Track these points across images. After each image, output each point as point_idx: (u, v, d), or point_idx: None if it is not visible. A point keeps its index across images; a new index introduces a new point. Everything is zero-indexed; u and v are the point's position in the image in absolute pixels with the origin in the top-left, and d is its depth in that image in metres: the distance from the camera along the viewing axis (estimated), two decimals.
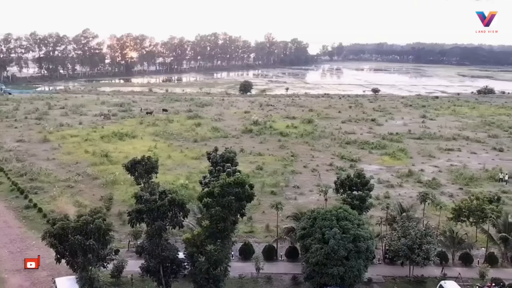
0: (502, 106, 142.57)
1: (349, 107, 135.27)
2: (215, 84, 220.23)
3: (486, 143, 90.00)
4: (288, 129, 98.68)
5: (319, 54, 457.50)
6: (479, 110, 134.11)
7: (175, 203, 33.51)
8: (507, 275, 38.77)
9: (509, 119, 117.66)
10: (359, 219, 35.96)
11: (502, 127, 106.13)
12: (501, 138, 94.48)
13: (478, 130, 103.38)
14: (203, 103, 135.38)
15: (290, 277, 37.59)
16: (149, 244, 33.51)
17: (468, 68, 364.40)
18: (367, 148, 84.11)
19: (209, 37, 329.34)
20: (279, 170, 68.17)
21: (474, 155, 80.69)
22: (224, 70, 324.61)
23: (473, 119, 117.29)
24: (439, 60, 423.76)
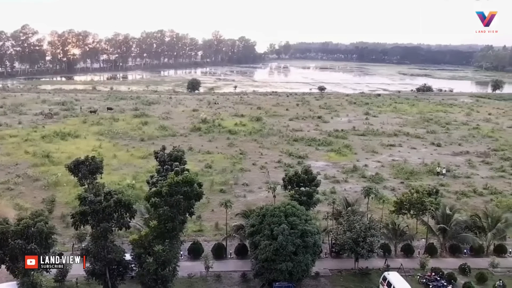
0: (440, 103, 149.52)
1: (296, 105, 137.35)
2: (162, 82, 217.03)
3: (425, 139, 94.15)
4: (236, 127, 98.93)
5: (267, 52, 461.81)
6: (418, 107, 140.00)
7: (121, 204, 32.83)
8: (445, 264, 40.74)
9: (446, 116, 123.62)
10: (306, 215, 36.68)
11: (440, 123, 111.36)
12: (438, 134, 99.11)
13: (418, 126, 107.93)
14: (150, 101, 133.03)
15: (240, 274, 37.81)
16: (94, 247, 32.66)
17: (408, 66, 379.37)
18: (314, 145, 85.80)
19: (155, 34, 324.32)
20: (228, 168, 68.26)
21: (414, 150, 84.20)
22: (171, 67, 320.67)
23: (412, 116, 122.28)
24: (381, 59, 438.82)
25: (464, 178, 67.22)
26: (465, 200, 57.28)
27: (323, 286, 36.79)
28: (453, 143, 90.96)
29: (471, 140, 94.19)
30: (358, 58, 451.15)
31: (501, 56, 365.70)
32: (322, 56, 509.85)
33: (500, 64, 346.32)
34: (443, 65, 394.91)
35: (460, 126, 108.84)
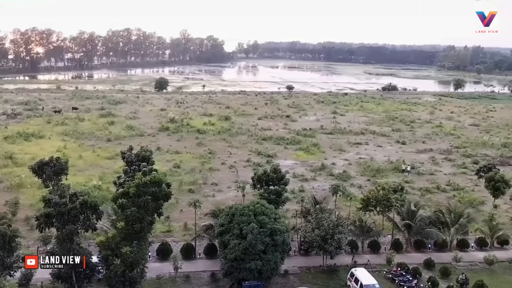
0: (404, 102, 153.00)
1: (265, 104, 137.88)
2: (129, 81, 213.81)
3: (391, 137, 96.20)
4: (205, 127, 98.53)
5: (235, 51, 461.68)
6: (384, 106, 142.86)
7: (88, 205, 32.26)
8: (411, 259, 41.75)
9: (410, 114, 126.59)
10: (275, 213, 36.90)
11: (404, 122, 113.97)
12: (403, 132, 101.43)
13: (383, 124, 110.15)
14: (116, 101, 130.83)
15: (209, 274, 37.69)
16: (60, 249, 31.95)
17: (374, 66, 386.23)
18: (283, 143, 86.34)
19: (121, 33, 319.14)
20: (197, 167, 67.90)
21: (380, 148, 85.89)
22: (138, 66, 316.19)
23: (378, 115, 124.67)
24: (347, 58, 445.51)
25: (428, 175, 69.00)
26: (429, 196, 58.84)
27: (292, 283, 37.08)
28: (417, 141, 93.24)
29: (435, 137, 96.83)
30: (326, 58, 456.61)
31: (462, 56, 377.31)
32: (290, 56, 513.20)
33: (462, 64, 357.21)
34: (408, 64, 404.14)
35: (424, 124, 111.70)
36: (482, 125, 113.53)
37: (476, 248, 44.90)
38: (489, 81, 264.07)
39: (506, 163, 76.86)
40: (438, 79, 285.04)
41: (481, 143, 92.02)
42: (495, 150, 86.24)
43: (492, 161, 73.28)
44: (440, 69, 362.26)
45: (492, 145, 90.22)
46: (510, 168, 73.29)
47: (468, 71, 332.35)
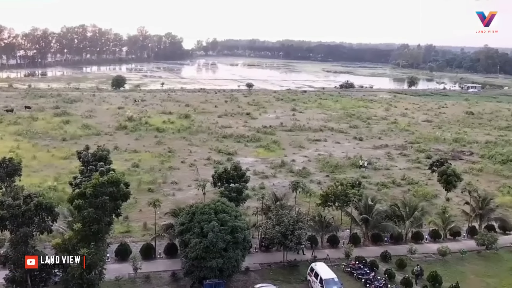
0: (361, 99, 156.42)
1: (225, 101, 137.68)
2: (85, 79, 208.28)
3: (348, 133, 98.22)
4: (164, 125, 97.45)
5: (194, 49, 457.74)
6: (342, 103, 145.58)
7: (42, 207, 31.36)
8: (368, 252, 42.87)
9: (367, 111, 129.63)
10: (236, 211, 37.03)
11: (361, 118, 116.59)
12: (360, 129, 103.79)
13: (341, 121, 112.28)
14: (71, 99, 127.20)
15: (170, 274, 37.38)
16: (14, 253, 30.94)
17: (331, 64, 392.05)
18: (243, 141, 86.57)
19: (76, 29, 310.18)
20: (156, 166, 67.09)
21: (338, 145, 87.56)
22: (94, 64, 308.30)
23: (336, 112, 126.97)
24: (306, 56, 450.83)
25: (384, 170, 70.94)
26: (385, 191, 60.54)
27: (253, 280, 37.32)
28: (373, 137, 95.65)
29: (390, 134, 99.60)
30: (285, 56, 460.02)
31: (415, 54, 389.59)
32: (249, 53, 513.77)
33: (415, 62, 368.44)
34: (364, 62, 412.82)
35: (380, 121, 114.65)
36: (435, 121, 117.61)
37: (430, 240, 46.55)
38: (441, 78, 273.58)
39: (457, 157, 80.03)
40: (393, 77, 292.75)
41: (434, 138, 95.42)
42: (447, 145, 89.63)
43: (444, 156, 76.09)
44: (395, 67, 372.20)
45: (444, 140, 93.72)
46: (461, 162, 76.37)
47: (421, 69, 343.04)
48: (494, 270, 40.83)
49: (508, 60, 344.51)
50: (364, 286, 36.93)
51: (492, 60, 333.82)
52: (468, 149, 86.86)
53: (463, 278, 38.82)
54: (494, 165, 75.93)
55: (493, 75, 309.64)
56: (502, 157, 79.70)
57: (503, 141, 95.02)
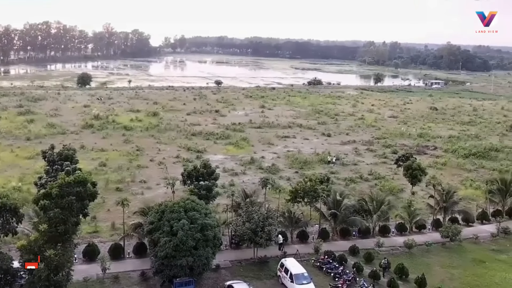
0: (329, 96, 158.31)
1: (193, 99, 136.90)
2: (49, 77, 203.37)
3: (317, 130, 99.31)
4: (132, 123, 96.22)
5: (162, 46, 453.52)
6: (310, 99, 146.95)
7: (6, 208, 30.71)
8: (337, 247, 43.50)
9: (334, 107, 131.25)
10: (206, 209, 36.95)
11: (329, 115, 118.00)
12: (328, 125, 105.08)
13: (310, 118, 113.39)
14: (36, 98, 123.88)
15: (139, 273, 37.00)
16: None
17: (299, 61, 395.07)
18: (212, 138, 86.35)
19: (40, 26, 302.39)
20: (124, 165, 66.18)
21: (306, 141, 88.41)
22: (59, 61, 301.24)
23: (305, 108, 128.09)
24: (274, 53, 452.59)
25: (352, 165, 72.12)
26: (353, 186, 61.54)
27: (224, 277, 37.36)
28: (341, 133, 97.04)
29: (357, 129, 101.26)
30: (253, 53, 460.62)
31: (381, 52, 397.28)
32: (218, 50, 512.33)
33: (381, 59, 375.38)
34: (331, 59, 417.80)
35: (347, 117, 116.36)
36: (400, 117, 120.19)
37: (396, 233, 47.64)
38: (405, 75, 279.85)
39: (422, 152, 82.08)
40: (359, 74, 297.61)
41: (400, 133, 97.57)
42: (412, 140, 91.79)
43: (410, 151, 77.93)
44: (361, 64, 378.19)
45: (409, 136, 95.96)
46: (426, 157, 78.37)
47: (387, 66, 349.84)
48: (458, 261, 42.15)
49: (470, 57, 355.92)
50: (333, 280, 37.48)
51: (455, 57, 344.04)
52: (432, 144, 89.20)
53: (429, 269, 39.89)
54: (457, 159, 78.27)
55: (455, 71, 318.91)
56: (465, 151, 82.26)
57: (465, 135, 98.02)
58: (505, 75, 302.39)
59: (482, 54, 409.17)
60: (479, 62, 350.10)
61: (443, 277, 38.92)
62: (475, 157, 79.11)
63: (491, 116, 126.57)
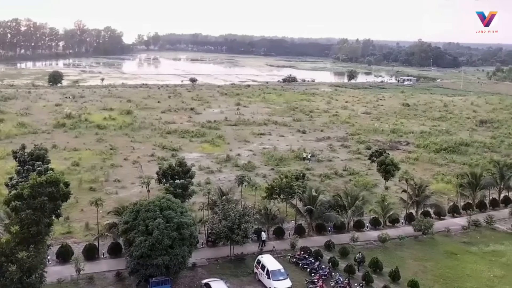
0: (303, 93, 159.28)
1: (168, 97, 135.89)
2: (19, 75, 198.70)
3: (292, 126, 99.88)
4: (105, 121, 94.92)
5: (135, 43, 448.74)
6: (285, 96, 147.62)
7: None
8: (313, 242, 43.86)
9: (309, 104, 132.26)
10: (182, 207, 36.74)
11: (304, 112, 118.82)
12: (303, 122, 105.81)
13: (285, 115, 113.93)
14: (5, 97, 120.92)
15: (114, 274, 36.61)
16: None
17: (274, 58, 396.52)
18: (188, 136, 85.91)
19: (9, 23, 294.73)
20: (97, 164, 65.27)
21: (282, 138, 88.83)
22: (29, 59, 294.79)
23: (280, 105, 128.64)
24: (249, 51, 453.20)
25: (326, 161, 72.82)
26: (328, 182, 62.16)
27: (200, 276, 37.26)
28: (316, 129, 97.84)
29: (332, 126, 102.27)
30: (228, 50, 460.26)
31: (354, 49, 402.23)
32: (192, 48, 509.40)
33: (354, 56, 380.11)
34: (306, 57, 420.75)
35: (322, 114, 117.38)
36: (373, 113, 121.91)
37: (371, 228, 48.34)
38: (378, 72, 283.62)
39: (395, 147, 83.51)
40: (333, 71, 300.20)
41: (373, 130, 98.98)
42: (385, 136, 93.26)
43: (383, 146, 79.27)
44: (335, 61, 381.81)
45: (382, 131, 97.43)
46: (399, 152, 79.76)
47: (360, 63, 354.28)
48: (430, 254, 43.07)
49: (440, 54, 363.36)
50: (309, 275, 37.82)
51: (426, 53, 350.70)
52: (404, 140, 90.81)
53: (402, 262, 40.67)
54: (428, 154, 79.90)
55: (426, 68, 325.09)
56: (436, 146, 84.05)
57: (436, 131, 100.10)
58: (474, 72, 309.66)
59: (452, 51, 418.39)
60: (449, 59, 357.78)
61: (416, 270, 39.72)
62: (446, 152, 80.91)
63: (461, 111, 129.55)
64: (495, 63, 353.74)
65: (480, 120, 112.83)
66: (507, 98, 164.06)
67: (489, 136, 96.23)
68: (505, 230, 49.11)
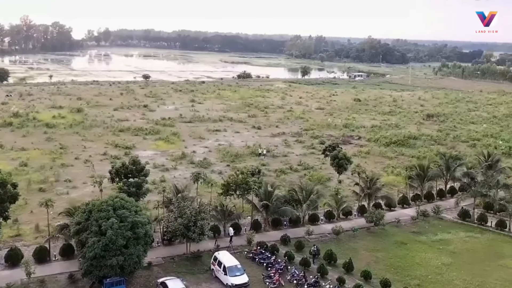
0: (258, 89, 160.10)
1: (120, 94, 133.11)
2: None
3: (247, 123, 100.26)
4: (55, 120, 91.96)
5: (85, 39, 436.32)
6: (240, 93, 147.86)
7: None
8: (269, 237, 44.34)
9: (264, 100, 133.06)
10: (136, 206, 36.22)
11: (259, 108, 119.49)
12: (258, 118, 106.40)
13: (240, 111, 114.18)
14: None
15: (67, 276, 35.65)
16: None
17: (229, 54, 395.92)
18: (141, 134, 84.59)
19: None
20: (47, 164, 63.23)
21: (237, 134, 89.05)
22: None
23: (235, 102, 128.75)
24: (203, 47, 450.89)
25: (282, 156, 73.67)
26: (283, 177, 62.93)
27: (156, 275, 36.90)
28: (271, 125, 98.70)
29: (286, 122, 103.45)
30: (181, 46, 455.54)
31: (307, 45, 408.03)
32: (145, 44, 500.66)
33: (307, 52, 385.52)
34: (260, 53, 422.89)
35: (277, 110, 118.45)
36: (327, 109, 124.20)
37: (325, 221, 49.38)
38: (331, 68, 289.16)
39: (347, 142, 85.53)
40: (287, 67, 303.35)
41: (326, 125, 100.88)
42: (338, 131, 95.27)
43: (336, 141, 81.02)
44: (289, 57, 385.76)
45: (335, 126, 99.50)
46: (351, 146, 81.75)
47: (313, 59, 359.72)
48: (382, 245, 44.51)
49: (389, 50, 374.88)
50: (265, 270, 38.25)
51: (375, 50, 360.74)
52: (356, 134, 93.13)
53: (355, 254, 41.84)
54: (379, 147, 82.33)
55: (376, 64, 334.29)
56: (386, 139, 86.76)
57: (386, 125, 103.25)
58: (421, 67, 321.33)
59: (400, 48, 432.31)
60: (397, 55, 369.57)
61: (369, 260, 40.96)
62: (396, 145, 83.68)
63: (409, 106, 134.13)
64: (440, 59, 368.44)
65: (427, 114, 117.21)
66: (452, 93, 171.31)
67: (436, 129, 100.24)
68: (451, 219, 51.44)
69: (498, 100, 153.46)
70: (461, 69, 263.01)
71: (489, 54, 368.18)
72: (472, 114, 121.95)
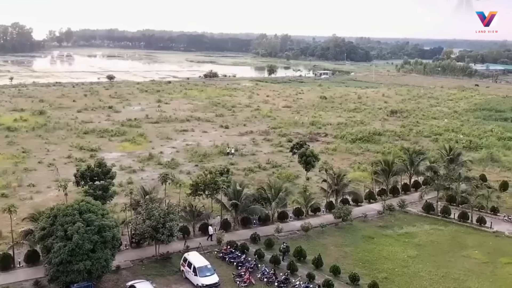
0: (225, 88, 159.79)
1: (84, 95, 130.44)
2: None
3: (215, 122, 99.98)
4: (16, 123, 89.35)
5: (46, 40, 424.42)
6: (207, 92, 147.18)
7: None
8: (239, 236, 44.38)
9: (231, 99, 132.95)
10: (103, 209, 35.70)
11: (226, 107, 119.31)
12: (226, 117, 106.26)
13: (207, 110, 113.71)
14: None
15: (32, 283, 34.73)
16: None
17: (194, 54, 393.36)
18: (107, 136, 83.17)
19: None
20: (9, 169, 61.42)
21: (205, 134, 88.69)
22: None
23: (202, 101, 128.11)
24: (168, 46, 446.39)
25: (250, 155, 73.83)
26: (252, 175, 63.13)
27: (125, 278, 36.38)
28: (239, 124, 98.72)
29: (254, 120, 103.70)
30: (146, 46, 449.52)
31: (273, 44, 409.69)
32: (108, 44, 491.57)
33: (273, 51, 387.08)
34: (226, 52, 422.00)
35: (244, 108, 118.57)
36: (293, 107, 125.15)
37: (294, 218, 49.80)
38: (297, 66, 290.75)
39: (314, 139, 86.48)
40: (254, 65, 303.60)
41: (293, 123, 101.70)
42: (305, 128, 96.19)
43: (303, 139, 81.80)
44: (255, 56, 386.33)
45: (302, 124, 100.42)
46: (318, 144, 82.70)
47: (279, 58, 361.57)
48: (350, 239, 45.26)
49: (354, 48, 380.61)
50: (236, 269, 38.30)
51: (340, 48, 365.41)
52: (323, 131, 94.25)
53: (324, 249, 42.40)
54: (345, 144, 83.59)
55: (341, 62, 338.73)
56: (352, 136, 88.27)
57: (352, 122, 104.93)
58: (384, 65, 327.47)
59: (364, 46, 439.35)
60: (361, 53, 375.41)
61: (338, 256, 41.60)
62: (361, 142, 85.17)
63: (374, 103, 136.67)
64: (402, 56, 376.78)
65: (391, 110, 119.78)
66: (414, 89, 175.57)
67: (399, 125, 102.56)
68: (416, 212, 52.78)
69: (458, 95, 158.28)
70: (423, 66, 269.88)
71: (449, 51, 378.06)
72: (434, 110, 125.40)
